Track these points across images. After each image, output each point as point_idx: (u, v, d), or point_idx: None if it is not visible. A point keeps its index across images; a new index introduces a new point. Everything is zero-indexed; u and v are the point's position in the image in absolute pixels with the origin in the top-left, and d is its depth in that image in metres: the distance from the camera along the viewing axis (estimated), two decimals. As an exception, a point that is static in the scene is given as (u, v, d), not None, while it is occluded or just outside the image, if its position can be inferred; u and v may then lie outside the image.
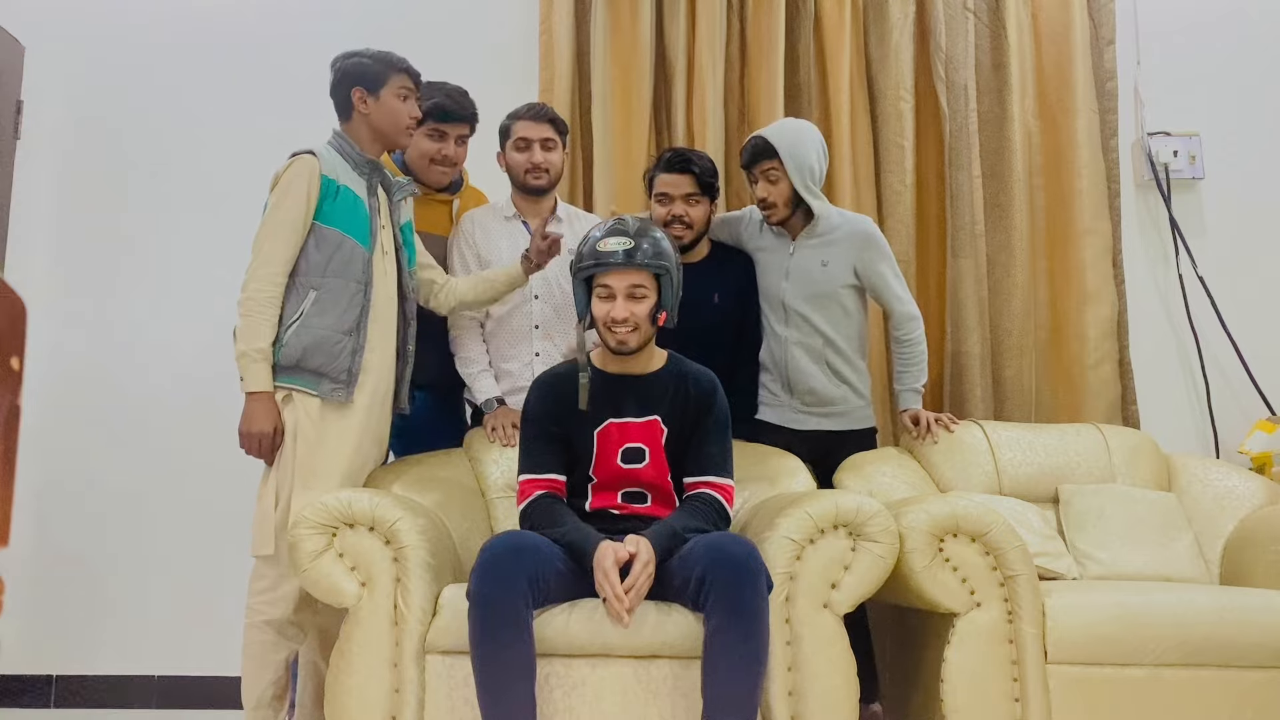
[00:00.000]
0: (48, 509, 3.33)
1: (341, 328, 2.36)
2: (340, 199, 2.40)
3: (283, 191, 2.36)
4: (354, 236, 2.40)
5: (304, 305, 2.35)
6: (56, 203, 3.48)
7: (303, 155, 2.40)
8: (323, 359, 2.34)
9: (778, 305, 2.82)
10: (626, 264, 2.15)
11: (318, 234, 2.37)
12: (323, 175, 2.39)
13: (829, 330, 2.78)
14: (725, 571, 1.92)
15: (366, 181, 2.47)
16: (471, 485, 2.62)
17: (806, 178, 2.75)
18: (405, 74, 2.50)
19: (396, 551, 2.08)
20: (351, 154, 2.48)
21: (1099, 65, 3.50)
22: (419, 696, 2.04)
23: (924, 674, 2.34)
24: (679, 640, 2.01)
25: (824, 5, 3.46)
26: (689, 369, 2.30)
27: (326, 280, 2.37)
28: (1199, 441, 3.47)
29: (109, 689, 3.25)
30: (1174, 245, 3.54)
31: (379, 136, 2.50)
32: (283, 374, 2.35)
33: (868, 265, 2.79)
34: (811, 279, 2.79)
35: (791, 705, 2.05)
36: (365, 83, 2.47)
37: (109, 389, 3.40)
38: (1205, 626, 2.17)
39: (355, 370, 2.38)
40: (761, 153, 2.76)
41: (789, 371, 2.80)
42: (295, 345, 2.33)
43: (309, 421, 2.34)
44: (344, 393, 2.36)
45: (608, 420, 2.24)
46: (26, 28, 3.51)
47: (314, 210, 2.37)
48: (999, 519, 2.18)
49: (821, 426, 2.81)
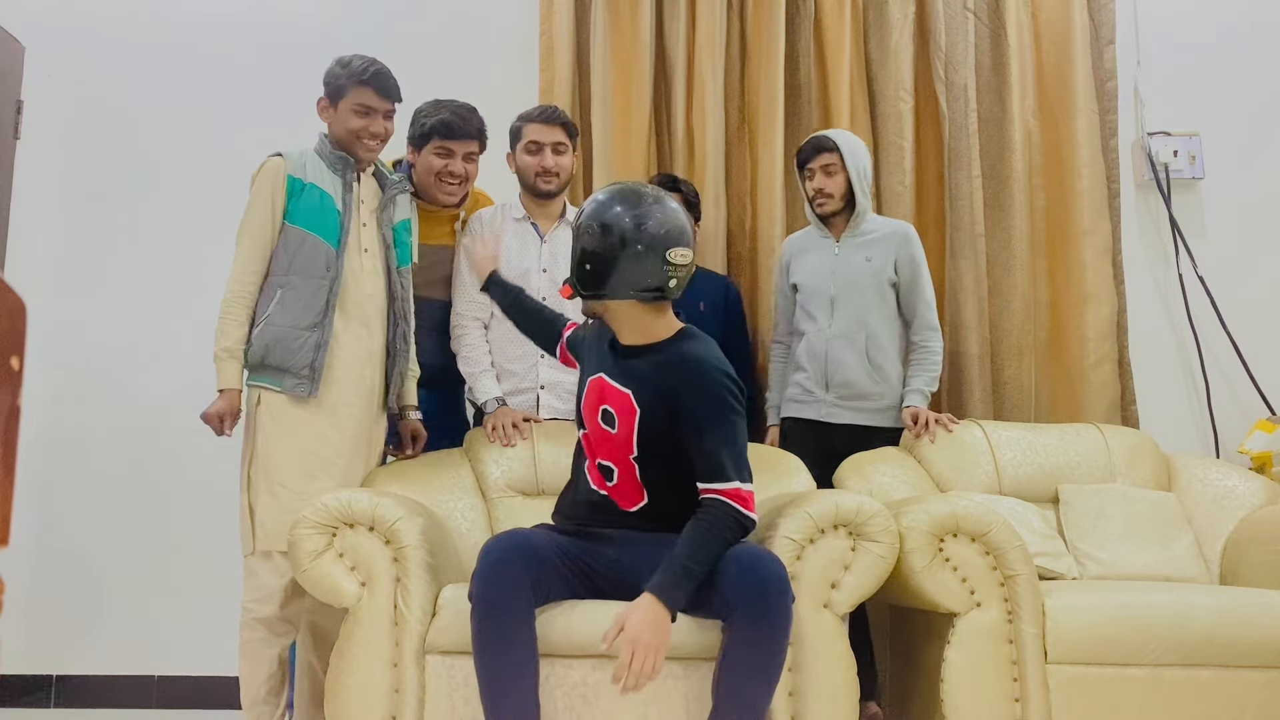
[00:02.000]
0: (48, 509, 3.33)
1: (302, 324, 2.39)
2: (305, 197, 2.44)
3: (253, 195, 2.45)
4: (318, 234, 2.43)
5: (270, 305, 2.41)
6: (56, 203, 3.48)
7: (271, 158, 2.46)
8: (283, 354, 2.38)
9: (824, 300, 2.92)
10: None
11: (285, 234, 2.43)
12: (289, 175, 2.43)
13: (873, 323, 2.89)
14: (753, 593, 1.87)
15: (342, 178, 2.49)
16: (471, 485, 2.62)
17: (861, 177, 2.93)
18: (366, 88, 2.47)
19: (396, 551, 2.08)
20: (326, 153, 2.50)
21: (1099, 65, 3.50)
22: (419, 696, 2.04)
23: (924, 674, 2.34)
24: (682, 641, 2.01)
25: (824, 5, 3.46)
26: (683, 349, 2.05)
27: (290, 278, 2.42)
28: (1199, 441, 3.47)
29: (109, 689, 3.25)
30: (1174, 245, 3.54)
31: (340, 146, 2.51)
32: (252, 374, 2.42)
33: (907, 262, 2.92)
34: (857, 273, 2.91)
35: (791, 705, 2.05)
36: (329, 93, 2.52)
37: (109, 389, 3.40)
38: (1205, 626, 2.17)
39: (319, 365, 2.39)
40: (823, 147, 2.92)
41: (828, 364, 2.88)
42: (259, 343, 2.39)
43: (272, 419, 2.38)
44: (307, 387, 2.38)
45: (599, 373, 2.15)
46: (26, 28, 3.51)
47: (281, 211, 2.43)
48: (999, 519, 2.18)
49: (856, 421, 2.89)
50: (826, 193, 2.93)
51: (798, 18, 3.47)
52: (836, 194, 2.92)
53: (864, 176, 2.94)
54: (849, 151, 2.91)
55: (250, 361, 2.41)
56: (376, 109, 2.49)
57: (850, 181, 2.91)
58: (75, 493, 3.34)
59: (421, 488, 2.49)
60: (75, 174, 3.50)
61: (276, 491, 2.36)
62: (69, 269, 3.45)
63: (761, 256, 3.34)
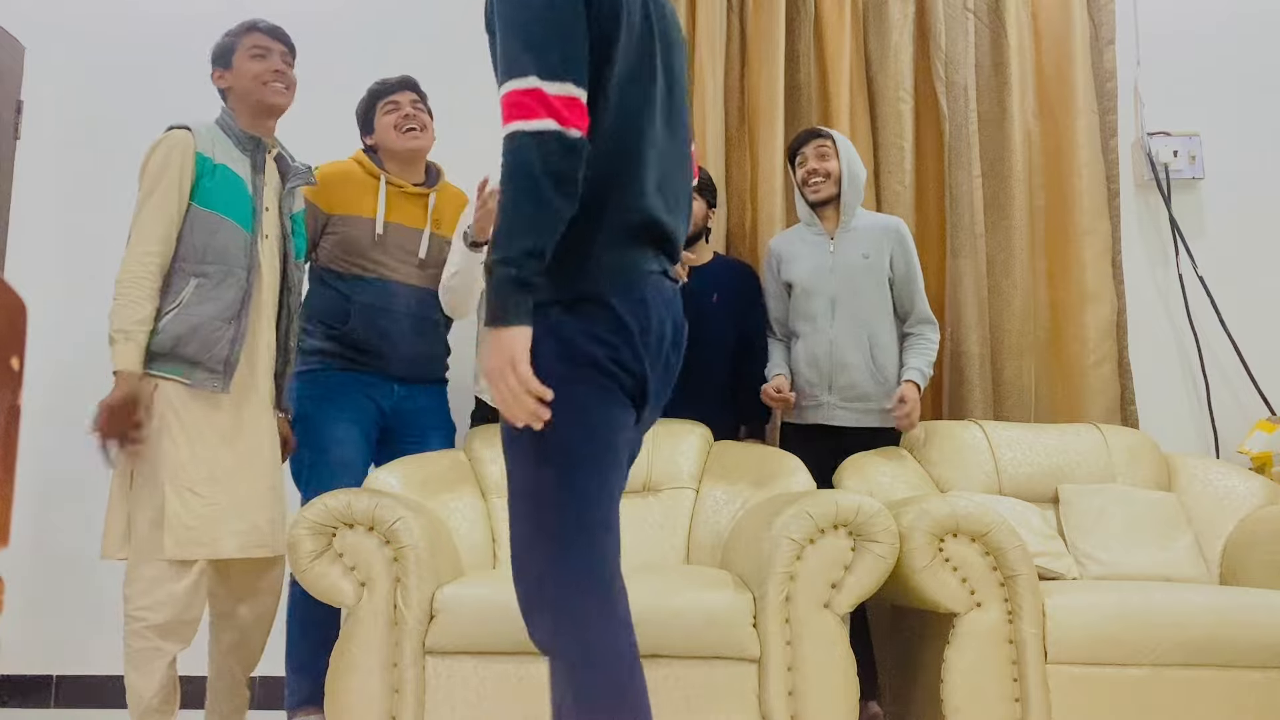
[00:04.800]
0: (48, 509, 3.33)
1: (222, 316, 2.26)
2: (218, 178, 2.29)
3: (155, 172, 2.26)
4: (233, 218, 2.30)
5: (184, 294, 2.25)
6: (56, 203, 3.48)
7: (174, 130, 2.29)
8: (197, 347, 2.23)
9: (824, 300, 2.89)
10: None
11: (194, 216, 2.27)
12: (197, 153, 2.29)
13: (874, 323, 2.87)
14: None
15: (250, 159, 2.38)
16: (472, 485, 2.62)
17: (854, 165, 2.95)
18: (254, 32, 2.38)
19: (396, 551, 2.08)
20: (233, 129, 2.38)
21: (1099, 65, 3.50)
22: (418, 697, 2.04)
23: (924, 674, 2.34)
24: (682, 641, 2.01)
25: (824, 5, 3.46)
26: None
27: (206, 266, 2.26)
28: (1199, 441, 3.46)
29: (109, 689, 3.25)
30: (1174, 245, 3.54)
31: (246, 104, 2.38)
32: (154, 362, 2.24)
33: (902, 256, 2.93)
34: (856, 272, 2.89)
35: (791, 705, 2.05)
36: (218, 58, 2.41)
37: (108, 388, 3.39)
38: (1205, 626, 2.17)
39: (233, 360, 2.27)
40: (816, 134, 2.96)
41: (832, 365, 2.85)
42: (169, 332, 2.23)
43: (173, 412, 2.23)
44: (219, 382, 2.25)
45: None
46: (26, 28, 3.51)
47: (188, 190, 2.27)
48: (999, 519, 2.18)
49: (861, 423, 2.86)
50: (822, 173, 2.92)
51: (798, 18, 3.47)
52: (832, 175, 2.92)
53: (856, 165, 2.95)
54: (842, 142, 2.95)
55: (154, 349, 2.23)
56: (271, 48, 2.39)
57: (842, 172, 2.92)
58: (75, 493, 3.34)
59: (421, 487, 2.49)
60: (75, 174, 3.49)
61: (184, 495, 2.20)
62: (69, 269, 3.45)
63: (762, 257, 3.34)
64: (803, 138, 2.98)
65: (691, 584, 2.12)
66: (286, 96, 2.42)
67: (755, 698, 2.06)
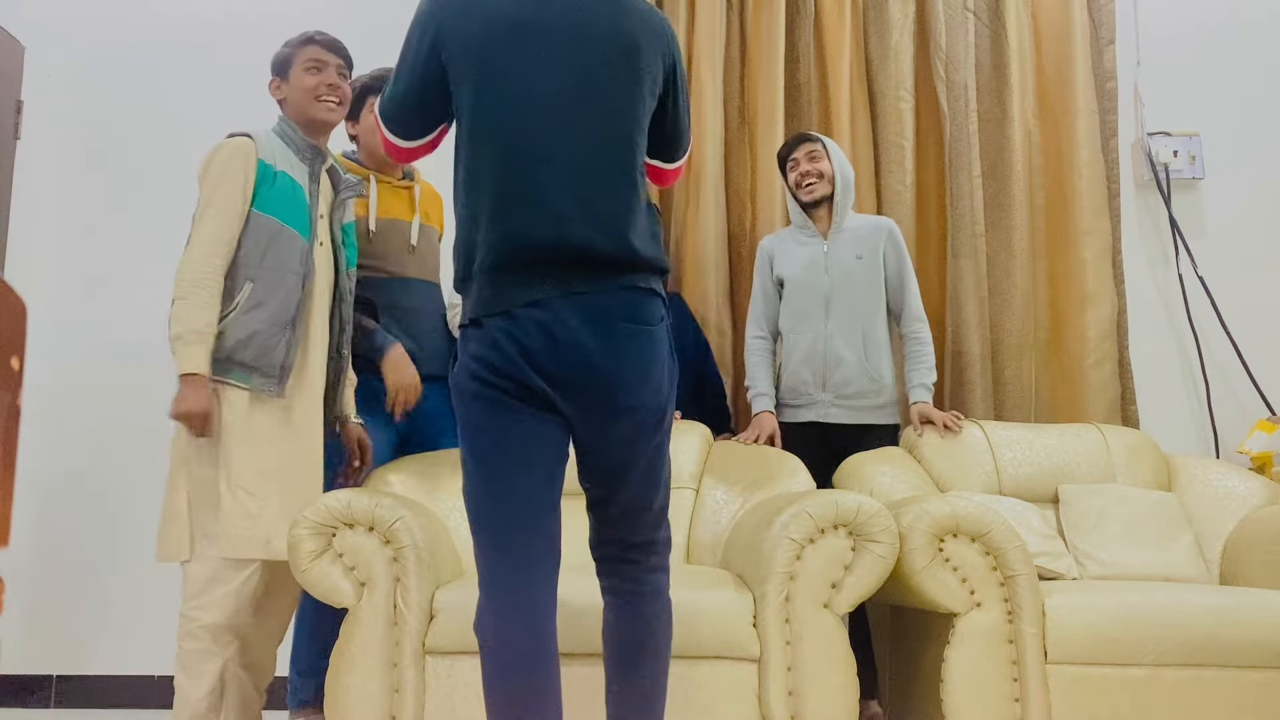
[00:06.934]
0: (48, 509, 3.33)
1: (279, 321, 2.26)
2: (278, 185, 2.31)
3: (217, 176, 2.27)
4: (292, 225, 2.31)
5: (239, 297, 2.25)
6: (56, 203, 3.48)
7: (236, 137, 2.31)
8: (255, 352, 2.24)
9: (818, 298, 2.92)
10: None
11: (254, 222, 2.28)
12: (259, 160, 2.30)
13: (868, 321, 2.90)
14: None
15: (309, 168, 2.39)
16: (471, 485, 2.62)
17: (845, 168, 2.99)
18: (312, 45, 2.39)
19: (396, 552, 2.08)
20: (294, 139, 2.39)
21: (1099, 65, 3.50)
22: (418, 697, 2.04)
23: (924, 674, 2.34)
24: (682, 641, 2.01)
25: (824, 5, 3.47)
26: None
27: (263, 271, 2.27)
28: (1199, 441, 3.47)
29: (109, 689, 3.25)
30: (1174, 245, 3.54)
31: (298, 118, 2.39)
32: (213, 366, 2.24)
33: (894, 255, 2.96)
34: (850, 271, 2.92)
35: (791, 705, 2.05)
36: (277, 68, 2.41)
37: (109, 389, 3.40)
38: (1205, 626, 2.17)
39: (289, 365, 2.27)
40: (805, 138, 3.01)
41: (826, 363, 2.88)
42: (228, 338, 2.23)
43: (234, 416, 2.23)
44: (276, 387, 2.25)
45: None
46: (26, 28, 3.51)
47: (250, 196, 2.28)
48: (999, 519, 2.18)
49: (854, 420, 2.89)
50: (815, 173, 2.95)
51: (798, 18, 3.47)
52: (825, 176, 2.96)
53: (846, 168, 2.98)
54: (832, 146, 2.99)
55: (214, 355, 2.23)
56: (328, 62, 2.39)
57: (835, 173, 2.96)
58: (75, 493, 3.34)
59: (423, 487, 2.49)
60: (75, 174, 3.50)
61: (240, 496, 2.21)
62: (69, 269, 3.45)
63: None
64: (792, 143, 3.02)
65: (691, 583, 2.12)
66: (337, 113, 2.42)
67: (755, 697, 2.06)
